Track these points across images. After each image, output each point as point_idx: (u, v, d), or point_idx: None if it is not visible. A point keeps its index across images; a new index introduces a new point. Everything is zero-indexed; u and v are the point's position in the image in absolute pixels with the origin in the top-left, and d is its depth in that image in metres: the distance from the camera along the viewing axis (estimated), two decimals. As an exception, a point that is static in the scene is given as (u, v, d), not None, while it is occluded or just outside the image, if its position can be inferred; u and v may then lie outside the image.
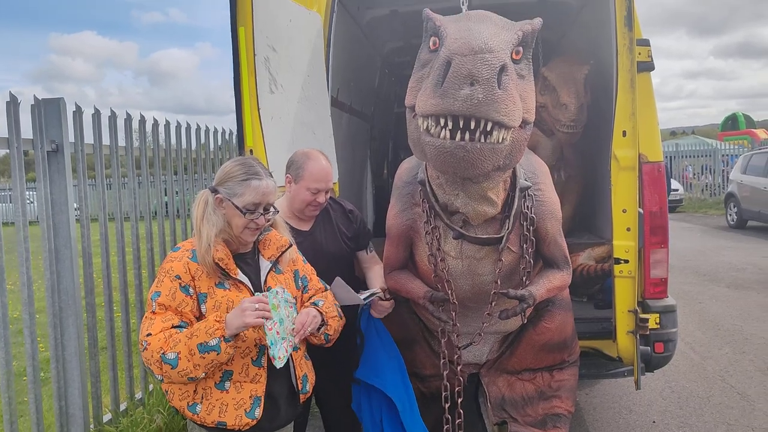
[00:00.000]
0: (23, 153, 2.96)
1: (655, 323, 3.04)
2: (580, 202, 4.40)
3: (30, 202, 7.36)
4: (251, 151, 2.79)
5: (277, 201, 2.46)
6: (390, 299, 2.63)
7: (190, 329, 1.82)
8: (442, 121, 1.85)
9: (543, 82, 4.05)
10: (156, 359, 1.79)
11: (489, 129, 1.83)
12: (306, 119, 3.25)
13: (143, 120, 3.96)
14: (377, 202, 5.66)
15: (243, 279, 1.98)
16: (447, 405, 2.60)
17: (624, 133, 2.95)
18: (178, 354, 1.77)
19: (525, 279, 2.48)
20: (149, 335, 1.82)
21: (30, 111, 3.06)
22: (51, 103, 3.12)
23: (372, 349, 2.57)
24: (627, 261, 3.00)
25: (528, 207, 2.41)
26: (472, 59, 1.76)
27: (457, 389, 2.61)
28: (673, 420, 3.94)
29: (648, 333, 3.02)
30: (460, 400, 2.61)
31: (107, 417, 3.58)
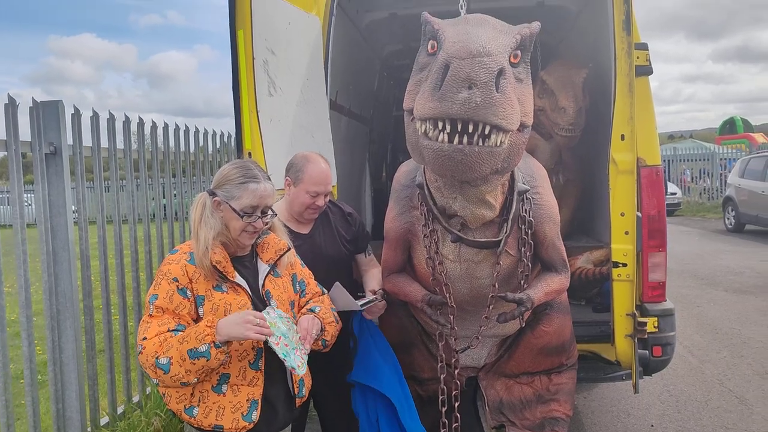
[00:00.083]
0: (21, 155, 2.96)
1: (654, 327, 3.04)
2: (578, 205, 4.40)
3: (28, 204, 7.36)
4: (250, 154, 2.79)
5: (276, 204, 2.46)
6: (383, 300, 2.63)
7: (182, 334, 1.81)
8: (440, 125, 1.85)
9: (541, 85, 4.05)
10: (150, 363, 1.79)
11: (487, 132, 1.83)
12: (305, 122, 3.25)
13: (142, 122, 3.96)
14: (376, 205, 5.65)
15: (241, 282, 1.98)
16: (444, 409, 2.60)
17: (622, 137, 2.96)
18: (170, 359, 1.77)
19: (523, 282, 2.48)
20: (145, 339, 1.82)
21: (28, 113, 3.06)
22: (49, 106, 3.12)
23: (366, 352, 2.57)
24: (625, 264, 3.00)
25: (526, 210, 2.41)
26: (470, 63, 1.76)
27: (455, 393, 2.60)
28: (671, 424, 3.94)
29: (646, 336, 3.02)
30: (457, 403, 2.61)
31: (104, 420, 3.58)
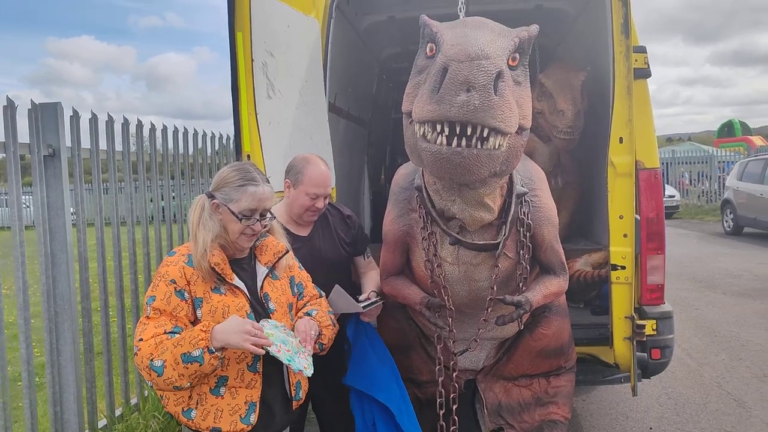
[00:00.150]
0: (20, 157, 2.96)
1: (652, 329, 3.04)
2: (576, 208, 4.40)
3: (26, 206, 7.35)
4: (248, 156, 2.79)
5: (276, 206, 2.46)
6: (379, 302, 2.63)
7: (177, 337, 1.80)
8: (438, 127, 1.85)
9: (540, 88, 4.06)
10: (145, 365, 1.78)
11: (485, 135, 1.83)
12: (303, 125, 3.25)
13: (140, 125, 3.96)
14: (374, 207, 5.66)
15: (239, 284, 1.97)
16: (442, 412, 2.59)
17: (621, 140, 2.96)
18: (164, 362, 1.76)
19: (521, 285, 2.48)
20: (141, 340, 1.81)
21: (27, 115, 3.06)
22: (48, 108, 3.12)
23: (362, 355, 2.56)
24: (624, 267, 3.00)
25: (525, 213, 2.41)
26: (468, 65, 1.76)
27: (453, 396, 2.60)
28: (670, 427, 3.94)
29: (645, 339, 3.02)
30: (455, 406, 2.60)
31: (102, 422, 3.57)
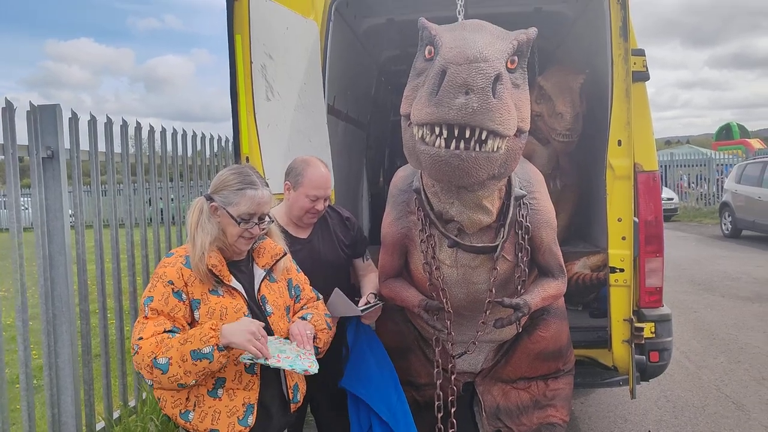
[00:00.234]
0: (18, 159, 2.96)
1: (651, 332, 3.04)
2: (575, 210, 4.41)
3: (25, 208, 7.35)
4: (247, 159, 2.79)
5: (275, 208, 2.46)
6: (379, 304, 2.63)
7: (183, 335, 1.81)
8: (437, 130, 1.85)
9: (539, 91, 4.07)
10: (147, 363, 1.78)
11: (484, 138, 1.83)
12: (302, 127, 3.26)
13: (139, 127, 3.96)
14: (373, 210, 5.66)
15: (237, 286, 1.98)
16: (440, 414, 2.59)
17: (619, 143, 2.97)
18: (169, 359, 1.76)
19: (520, 288, 2.48)
20: (141, 339, 1.81)
21: (26, 117, 3.06)
22: (47, 110, 3.12)
23: (361, 359, 2.55)
24: (622, 270, 3.01)
25: (523, 216, 2.41)
26: (467, 68, 1.77)
27: (451, 398, 2.60)
28: (669, 429, 3.93)
29: (643, 342, 3.02)
30: (453, 409, 2.60)
31: (100, 425, 3.56)
